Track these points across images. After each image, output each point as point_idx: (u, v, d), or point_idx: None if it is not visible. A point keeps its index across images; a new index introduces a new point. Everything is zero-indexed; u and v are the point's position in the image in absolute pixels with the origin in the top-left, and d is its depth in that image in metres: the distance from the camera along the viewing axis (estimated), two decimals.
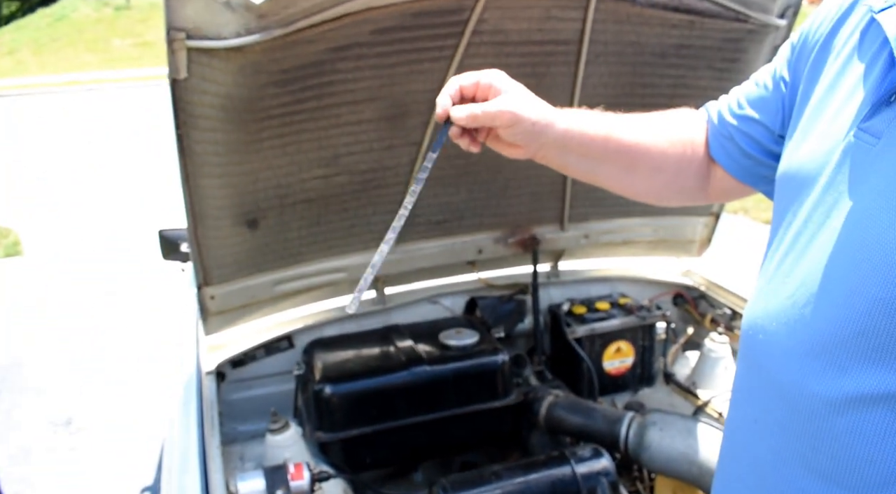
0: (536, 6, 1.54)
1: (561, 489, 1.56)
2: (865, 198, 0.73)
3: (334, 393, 1.78)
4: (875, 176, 0.73)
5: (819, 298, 0.78)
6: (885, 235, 0.70)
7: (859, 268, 0.73)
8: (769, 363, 0.85)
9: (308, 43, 1.40)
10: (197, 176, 1.53)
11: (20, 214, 7.01)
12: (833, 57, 0.88)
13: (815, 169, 0.83)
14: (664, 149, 1.13)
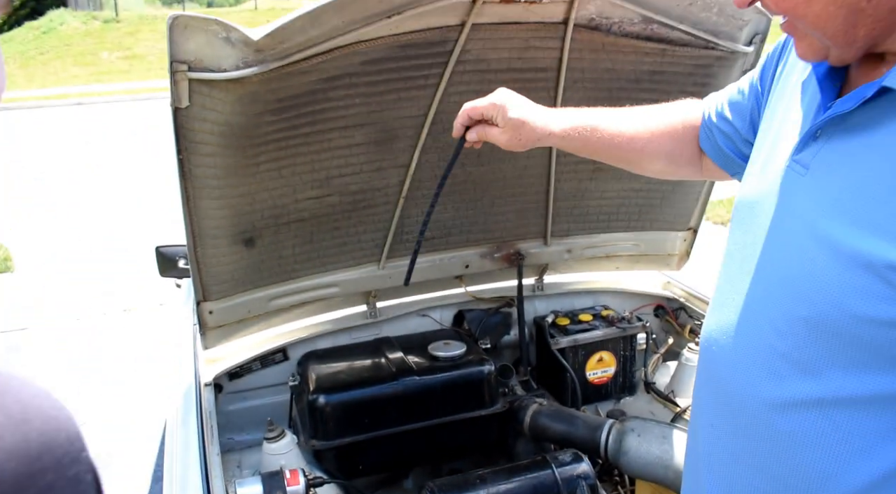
0: (516, 37, 1.64)
1: (542, 492, 1.64)
2: (794, 225, 0.83)
3: (328, 402, 1.86)
4: (802, 204, 0.83)
5: (758, 315, 0.87)
6: (807, 260, 0.80)
7: (788, 290, 0.83)
8: (720, 372, 0.95)
9: (302, 74, 1.49)
10: (197, 198, 1.61)
11: (10, 229, 7.02)
12: (789, 86, 0.98)
13: (759, 195, 0.93)
14: (658, 144, 1.28)
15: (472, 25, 1.56)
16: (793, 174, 0.86)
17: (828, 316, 0.79)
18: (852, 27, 0.77)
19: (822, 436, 0.82)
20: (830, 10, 0.76)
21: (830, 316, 0.79)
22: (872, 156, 0.77)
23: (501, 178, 2.03)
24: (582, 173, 2.12)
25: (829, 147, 0.83)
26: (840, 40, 0.79)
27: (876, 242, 0.74)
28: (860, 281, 0.75)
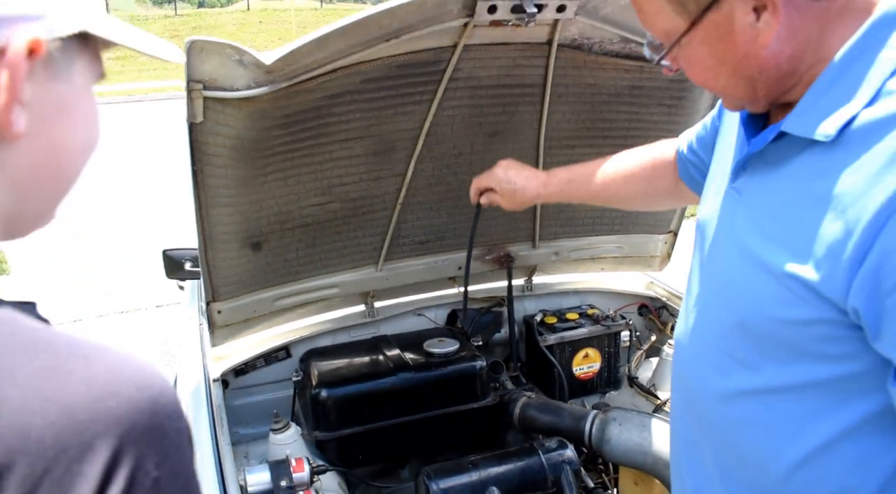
0: (504, 56, 1.77)
1: (530, 476, 1.78)
2: (730, 242, 0.98)
3: (329, 396, 1.99)
4: (737, 224, 0.98)
5: (707, 321, 1.02)
6: (736, 271, 0.95)
7: (725, 298, 0.98)
8: (684, 370, 1.09)
9: (307, 92, 1.62)
10: (209, 205, 1.74)
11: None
12: (733, 122, 1.13)
13: (709, 217, 1.08)
14: (632, 186, 1.55)
15: (463, 46, 1.68)
16: (731, 199, 1.01)
17: (751, 319, 0.93)
18: (753, 92, 0.93)
19: (764, 420, 0.95)
20: (733, 82, 0.94)
21: (754, 320, 0.93)
22: (779, 185, 0.92)
23: None
24: None
25: (754, 176, 0.97)
26: (746, 101, 0.97)
27: (777, 254, 0.88)
28: (770, 288, 0.89)
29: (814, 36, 0.87)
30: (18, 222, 0.61)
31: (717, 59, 0.92)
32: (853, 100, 0.83)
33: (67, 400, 0.47)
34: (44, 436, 0.46)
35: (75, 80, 0.61)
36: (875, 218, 0.76)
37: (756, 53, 0.88)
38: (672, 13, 0.91)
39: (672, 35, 0.93)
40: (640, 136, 2.13)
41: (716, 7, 0.87)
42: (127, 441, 0.48)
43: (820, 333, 0.87)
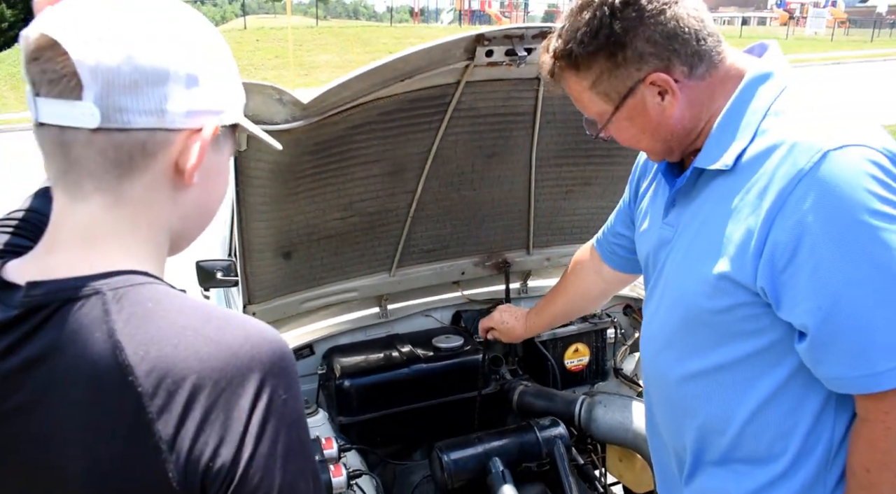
0: (500, 90, 2.08)
1: (527, 448, 2.07)
2: (670, 263, 1.29)
3: (351, 385, 2.28)
4: (673, 249, 1.28)
5: (662, 323, 1.33)
6: (677, 282, 1.26)
7: (672, 304, 1.29)
8: (648, 357, 1.39)
9: (334, 124, 1.92)
10: (248, 220, 2.04)
11: None
12: (651, 175, 1.45)
13: (651, 249, 1.39)
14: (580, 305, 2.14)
15: (465, 83, 1.99)
16: (665, 231, 1.33)
17: (692, 315, 1.23)
18: (669, 148, 1.26)
19: (714, 393, 1.25)
20: (653, 144, 1.26)
21: (693, 315, 1.23)
22: (699, 210, 1.23)
23: (490, 200, 2.46)
24: (556, 194, 2.55)
25: (680, 209, 1.29)
26: (665, 155, 1.28)
27: (703, 261, 1.18)
28: (701, 288, 1.19)
29: (706, 100, 1.19)
30: (180, 243, 0.89)
31: (638, 130, 1.24)
32: (741, 138, 1.14)
33: (230, 343, 0.75)
34: (218, 366, 0.73)
35: (224, 152, 0.88)
36: (766, 219, 1.06)
37: (665, 122, 1.21)
38: (600, 102, 1.23)
39: (603, 116, 1.25)
40: (616, 154, 2.44)
41: (632, 95, 1.18)
42: (269, 375, 0.75)
43: (741, 315, 1.16)
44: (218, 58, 0.83)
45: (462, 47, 1.84)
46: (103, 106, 0.72)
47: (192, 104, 0.78)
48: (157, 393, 0.69)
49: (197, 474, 0.69)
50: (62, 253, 0.77)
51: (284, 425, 0.74)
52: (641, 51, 1.15)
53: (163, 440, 0.69)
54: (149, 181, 0.78)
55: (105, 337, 0.70)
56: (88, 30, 0.72)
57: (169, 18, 0.78)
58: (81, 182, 0.76)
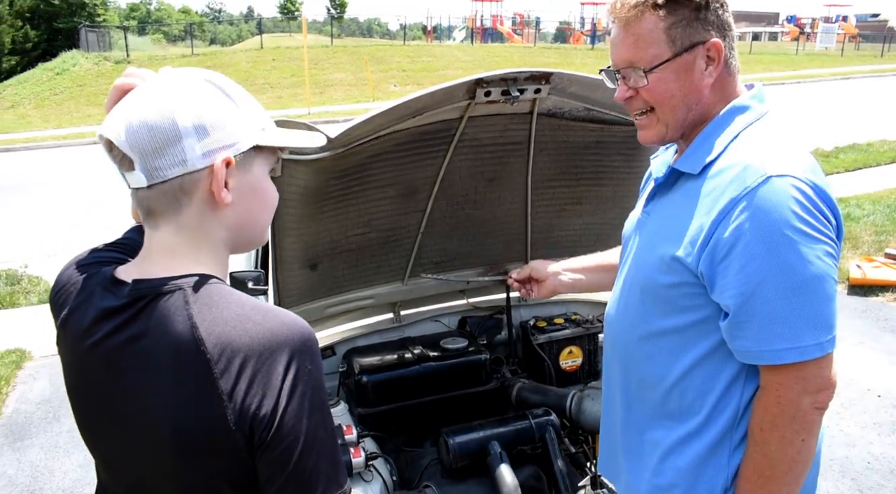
0: (498, 123, 2.40)
1: (522, 434, 2.38)
2: (640, 245, 1.58)
3: (369, 380, 2.59)
4: (645, 233, 1.58)
5: (626, 292, 1.61)
6: (642, 259, 1.55)
7: (635, 276, 1.57)
8: (609, 317, 1.68)
9: (356, 154, 2.25)
10: (281, 236, 2.37)
11: (46, 263, 7.59)
12: (647, 180, 1.75)
13: (628, 232, 1.69)
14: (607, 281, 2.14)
15: (468, 117, 2.32)
16: (643, 219, 1.61)
17: (648, 285, 1.51)
18: (684, 118, 1.47)
19: (655, 354, 1.54)
20: (675, 107, 1.46)
21: (649, 285, 1.51)
22: (669, 204, 1.50)
23: (492, 218, 2.78)
24: (551, 213, 2.87)
25: (657, 202, 1.57)
26: (674, 127, 1.48)
27: (664, 244, 1.43)
28: (658, 265, 1.45)
29: (719, 97, 1.46)
30: (241, 246, 1.20)
31: (677, 85, 1.43)
32: (711, 153, 1.43)
33: (271, 327, 1.03)
34: (262, 342, 1.01)
35: (254, 171, 1.11)
36: (715, 219, 1.35)
37: (699, 89, 1.44)
38: (665, 45, 1.41)
39: (658, 59, 1.42)
40: (605, 178, 2.76)
41: (692, 49, 1.41)
42: (297, 351, 1.03)
43: (684, 292, 1.44)
44: (220, 105, 1.06)
45: (464, 89, 2.16)
46: (145, 170, 1.02)
47: (206, 147, 1.03)
48: (219, 359, 0.98)
49: (247, 419, 0.97)
50: (153, 264, 1.08)
51: (309, 387, 1.00)
52: (713, 20, 1.41)
53: (224, 393, 0.97)
54: (196, 210, 1.07)
55: (185, 319, 1.00)
56: (122, 122, 1.02)
57: (175, 90, 1.05)
58: (155, 219, 1.08)
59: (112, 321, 1.05)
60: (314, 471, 1.00)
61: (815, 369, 1.33)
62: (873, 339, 5.35)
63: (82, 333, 1.08)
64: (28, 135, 18.63)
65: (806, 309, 1.31)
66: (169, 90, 1.05)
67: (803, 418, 1.35)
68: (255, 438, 0.98)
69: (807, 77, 28.16)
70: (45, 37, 37.95)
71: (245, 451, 0.99)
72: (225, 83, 1.10)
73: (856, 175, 11.30)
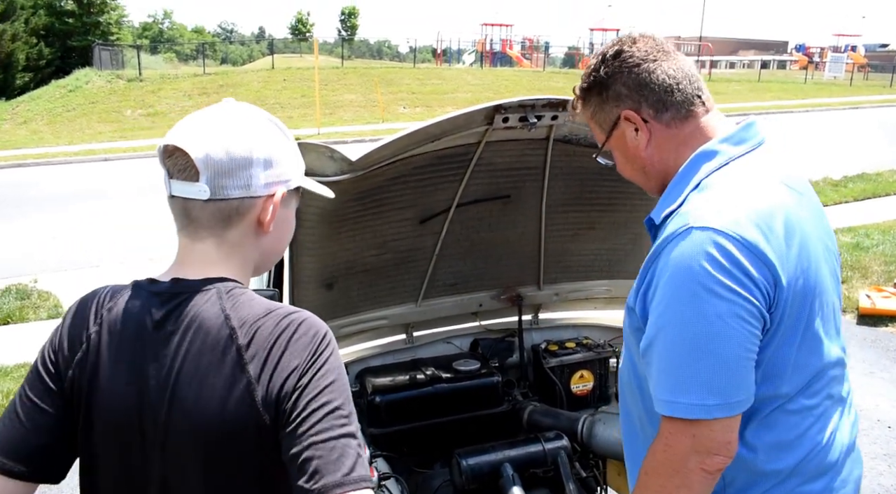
0: (515, 148, 2.44)
1: (534, 457, 2.39)
2: None
3: (382, 401, 2.61)
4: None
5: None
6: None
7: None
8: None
9: (375, 176, 2.28)
10: (299, 255, 2.40)
11: (56, 278, 7.61)
12: None
13: None
14: None
15: (485, 143, 2.35)
16: None
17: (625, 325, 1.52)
18: (648, 180, 1.55)
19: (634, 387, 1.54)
20: (636, 173, 1.55)
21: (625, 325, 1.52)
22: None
23: (505, 241, 2.81)
24: (564, 237, 2.90)
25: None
26: (651, 189, 1.56)
27: (629, 296, 1.47)
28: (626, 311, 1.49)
29: (672, 148, 1.48)
30: (261, 269, 1.30)
31: (623, 158, 1.55)
32: (674, 203, 1.45)
33: (295, 318, 1.13)
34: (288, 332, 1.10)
35: (291, 207, 1.30)
36: (648, 263, 1.39)
37: (639, 154, 1.50)
38: (598, 130, 1.56)
39: (599, 141, 1.58)
40: (618, 204, 2.79)
41: (616, 127, 1.50)
42: (320, 337, 1.13)
43: (635, 328, 1.45)
44: (283, 143, 1.22)
45: (483, 114, 2.20)
46: (212, 185, 1.14)
47: (268, 178, 1.18)
48: (249, 347, 1.09)
49: (273, 396, 1.08)
50: (190, 269, 1.19)
51: (331, 368, 1.11)
52: (619, 92, 1.47)
53: (252, 377, 1.08)
54: (241, 230, 1.20)
55: (219, 312, 1.12)
56: (202, 138, 1.14)
57: (251, 122, 1.19)
58: (200, 230, 1.19)
59: (150, 314, 1.15)
60: (339, 448, 1.05)
61: (707, 430, 1.30)
62: (883, 369, 5.34)
63: (119, 325, 1.16)
64: (40, 150, 18.79)
65: (692, 366, 1.30)
66: (247, 121, 1.19)
67: (686, 475, 1.33)
68: (281, 416, 1.07)
69: (816, 106, 28.25)
70: (58, 54, 38.42)
71: (272, 431, 1.08)
72: (283, 126, 1.26)
73: (865, 204, 11.32)
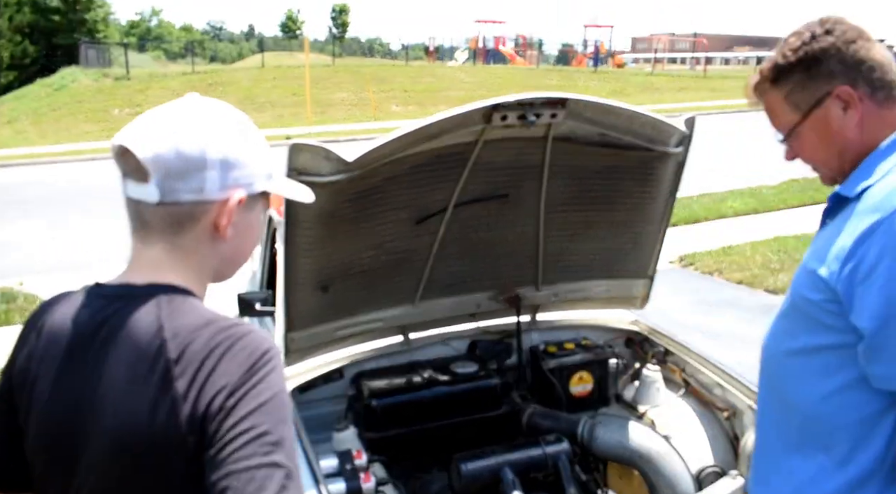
0: (513, 147, 2.40)
1: (535, 460, 2.35)
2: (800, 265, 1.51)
3: (379, 404, 2.56)
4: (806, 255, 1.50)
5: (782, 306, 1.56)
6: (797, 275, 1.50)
7: (789, 293, 1.51)
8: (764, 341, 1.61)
9: (371, 176, 2.23)
10: (294, 257, 2.34)
11: (42, 280, 7.49)
12: None
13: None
14: None
15: (483, 141, 2.31)
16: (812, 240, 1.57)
17: (796, 300, 1.47)
18: (841, 163, 1.48)
19: (799, 373, 1.48)
20: (830, 156, 1.49)
21: (797, 300, 1.45)
22: (831, 226, 1.45)
23: (503, 241, 2.77)
24: (562, 237, 2.86)
25: (825, 224, 1.53)
26: (836, 172, 1.50)
27: (814, 261, 1.40)
28: (806, 281, 1.42)
29: (877, 128, 1.44)
30: (222, 275, 1.21)
31: (819, 139, 1.47)
32: (872, 177, 1.41)
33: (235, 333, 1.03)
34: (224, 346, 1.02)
35: (256, 211, 1.18)
36: (859, 239, 1.33)
37: (843, 135, 1.45)
38: (791, 112, 1.48)
39: (790, 125, 1.49)
40: (617, 202, 2.75)
41: (819, 106, 1.44)
42: (259, 357, 1.02)
43: (825, 308, 1.37)
44: (245, 143, 1.13)
45: (481, 113, 2.16)
46: (162, 188, 1.06)
47: (224, 182, 1.09)
48: (179, 360, 1.01)
49: (199, 415, 0.98)
50: (138, 274, 1.11)
51: (263, 390, 1.01)
52: (833, 69, 1.42)
53: (179, 393, 0.99)
54: (195, 235, 1.11)
55: (154, 320, 1.04)
56: (150, 138, 1.06)
57: (208, 120, 1.09)
58: (150, 234, 1.11)
59: (88, 321, 1.09)
60: (258, 479, 0.96)
61: None
62: None
63: (57, 333, 1.11)
64: (25, 151, 18.58)
65: None
66: (203, 119, 1.10)
67: None
68: (206, 437, 0.99)
69: None
70: (44, 52, 38.07)
71: (196, 452, 0.99)
72: (248, 123, 1.16)
73: None
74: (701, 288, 7.19)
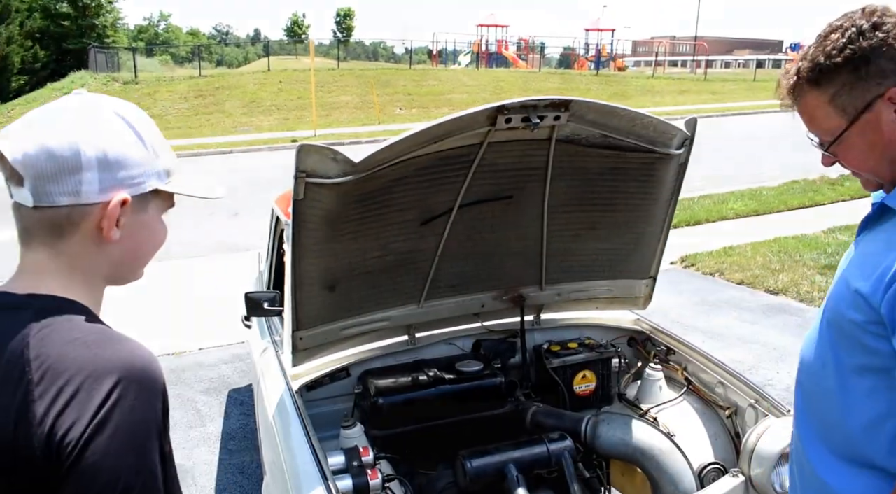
0: (517, 149, 2.44)
1: (538, 458, 2.39)
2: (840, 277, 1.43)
3: (385, 402, 2.60)
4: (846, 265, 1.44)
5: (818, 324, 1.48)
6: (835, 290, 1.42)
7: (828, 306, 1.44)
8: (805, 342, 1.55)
9: (377, 178, 2.28)
10: (301, 257, 2.39)
11: None
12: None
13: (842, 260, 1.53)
14: None
15: (487, 143, 2.35)
16: (852, 249, 1.45)
17: (835, 318, 1.37)
18: (892, 171, 1.35)
19: (840, 390, 1.37)
20: (879, 163, 1.35)
21: (836, 318, 1.37)
22: (872, 238, 1.37)
23: (507, 242, 2.81)
24: (566, 237, 2.89)
25: (868, 234, 1.42)
26: (884, 179, 1.37)
27: (855, 278, 1.31)
28: (847, 299, 1.32)
29: None
30: (116, 279, 1.14)
31: (868, 146, 1.33)
32: None
33: (103, 353, 0.97)
34: (88, 366, 0.95)
35: (150, 212, 1.11)
36: None
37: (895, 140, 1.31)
38: (836, 116, 1.33)
39: (836, 131, 1.34)
40: (620, 204, 2.79)
41: (869, 109, 1.29)
42: (125, 380, 0.95)
43: (867, 329, 1.28)
44: (128, 142, 1.05)
45: (486, 115, 2.20)
46: (35, 192, 1.00)
47: (105, 183, 1.02)
48: (41, 382, 0.94)
49: (53, 444, 0.92)
50: (21, 281, 1.05)
51: (126, 421, 0.94)
52: (884, 68, 1.27)
53: (36, 417, 0.92)
54: (78, 239, 1.05)
55: (21, 337, 0.98)
56: (21, 138, 1.00)
57: (85, 117, 1.03)
58: (31, 239, 1.06)
59: None
60: None
61: None
62: None
63: None
64: None
65: None
66: (78, 116, 1.04)
67: None
68: (60, 467, 0.92)
69: None
70: (54, 57, 38.30)
71: (50, 481, 0.93)
72: (137, 119, 1.09)
73: (862, 202, 11.36)
74: (702, 289, 7.23)
